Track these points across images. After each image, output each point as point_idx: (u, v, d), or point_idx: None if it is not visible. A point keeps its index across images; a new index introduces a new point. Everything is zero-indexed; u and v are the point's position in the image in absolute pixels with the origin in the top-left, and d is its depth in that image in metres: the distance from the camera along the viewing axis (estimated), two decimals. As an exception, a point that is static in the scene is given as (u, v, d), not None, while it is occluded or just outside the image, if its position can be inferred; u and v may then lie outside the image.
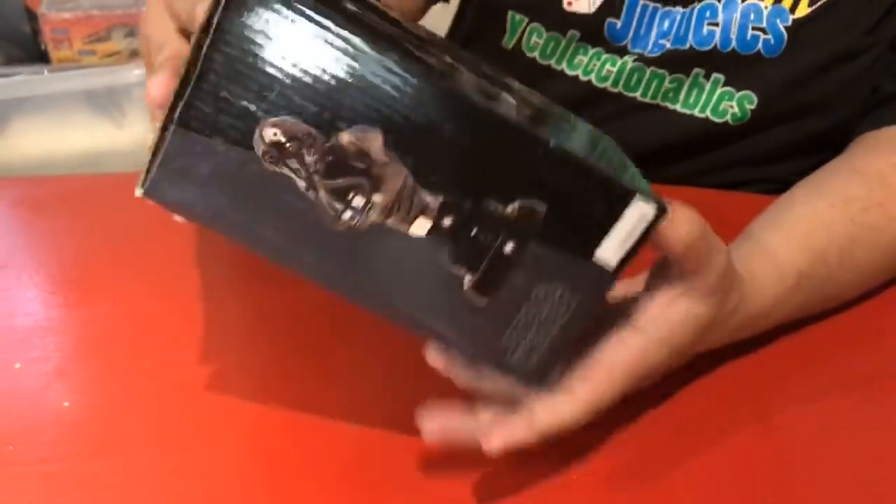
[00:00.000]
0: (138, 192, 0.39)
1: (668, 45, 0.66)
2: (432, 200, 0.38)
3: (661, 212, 0.39)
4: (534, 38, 0.70)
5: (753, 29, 0.64)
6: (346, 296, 0.41)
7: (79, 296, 0.63)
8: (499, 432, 0.41)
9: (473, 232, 0.39)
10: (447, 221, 0.38)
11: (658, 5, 0.66)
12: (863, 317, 0.58)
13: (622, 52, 0.68)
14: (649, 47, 0.67)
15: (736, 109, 0.66)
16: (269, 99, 0.36)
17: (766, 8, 0.64)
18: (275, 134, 0.36)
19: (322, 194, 0.37)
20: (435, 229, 0.38)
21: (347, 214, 0.38)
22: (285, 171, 0.37)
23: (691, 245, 0.40)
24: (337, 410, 0.50)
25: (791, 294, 0.51)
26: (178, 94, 0.37)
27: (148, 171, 0.38)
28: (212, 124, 0.37)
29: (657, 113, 0.69)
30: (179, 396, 0.52)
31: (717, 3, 0.65)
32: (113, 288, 0.63)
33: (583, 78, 0.70)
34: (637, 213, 0.39)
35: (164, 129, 0.37)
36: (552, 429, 0.42)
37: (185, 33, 0.45)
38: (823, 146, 0.66)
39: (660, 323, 0.43)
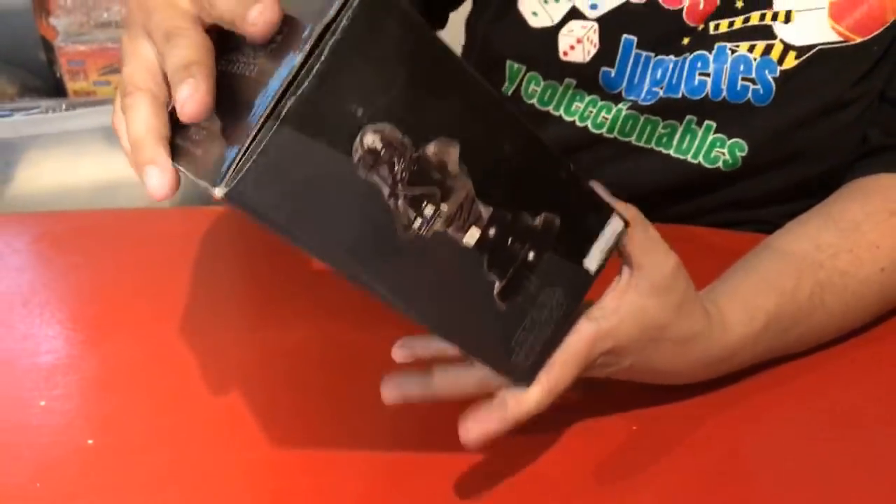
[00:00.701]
0: (218, 193, 0.35)
1: (661, 94, 0.69)
2: (484, 211, 0.41)
3: (626, 225, 0.46)
4: (532, 86, 0.73)
5: (743, 79, 0.66)
6: (387, 298, 0.41)
7: (98, 333, 0.66)
8: (474, 426, 0.46)
9: (509, 241, 0.43)
10: (492, 231, 0.42)
11: (651, 54, 0.69)
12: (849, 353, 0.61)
13: (617, 99, 0.71)
14: (643, 95, 0.70)
15: (727, 156, 0.69)
16: (377, 104, 0.36)
17: (754, 60, 0.66)
18: (374, 141, 0.37)
19: (401, 202, 0.38)
20: (482, 239, 0.42)
21: (418, 222, 0.39)
22: (375, 178, 0.37)
23: (633, 237, 0.46)
24: (346, 445, 0.53)
25: (760, 333, 0.54)
26: (282, 90, 0.35)
27: (227, 169, 0.35)
28: (317, 124, 0.35)
29: (651, 157, 0.71)
30: (197, 432, 0.55)
31: (707, 54, 0.67)
32: (130, 325, 0.66)
33: (579, 124, 0.72)
34: (613, 227, 0.46)
35: (255, 125, 0.35)
36: (522, 416, 0.46)
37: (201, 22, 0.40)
38: (814, 192, 0.68)
39: (608, 313, 0.47)
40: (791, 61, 0.65)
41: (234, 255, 0.82)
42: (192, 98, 0.36)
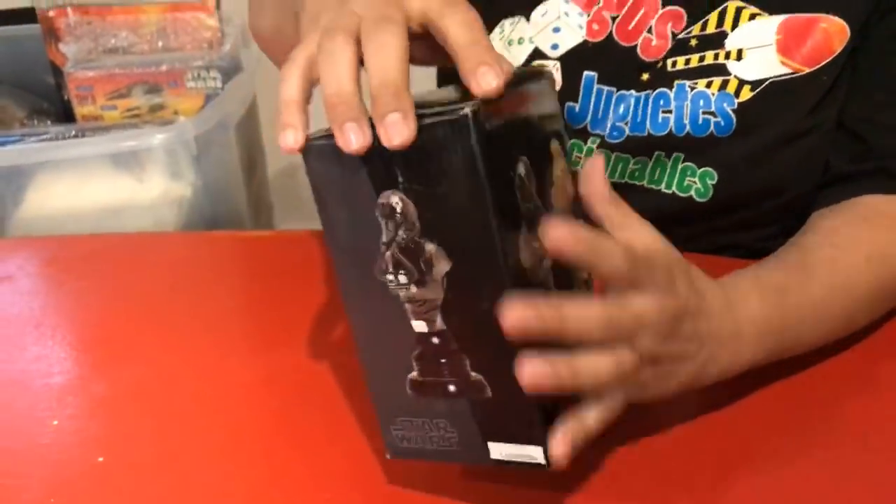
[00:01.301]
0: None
1: (627, 131, 0.72)
2: (439, 323, 0.46)
3: (546, 465, 0.47)
4: None
5: (704, 113, 0.70)
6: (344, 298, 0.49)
7: (107, 355, 0.69)
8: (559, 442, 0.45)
9: (441, 361, 0.47)
10: (435, 340, 0.47)
11: (612, 89, 0.72)
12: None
13: (583, 134, 0.74)
14: (608, 130, 0.73)
15: (699, 185, 0.72)
16: (415, 188, 0.43)
17: (713, 95, 0.70)
18: (396, 203, 0.44)
19: (388, 254, 0.45)
20: (423, 338, 0.47)
21: (390, 277, 0.46)
22: (382, 222, 0.45)
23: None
24: (347, 462, 0.56)
25: (772, 304, 0.56)
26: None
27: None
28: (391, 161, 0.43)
29: (625, 190, 0.74)
30: (202, 450, 0.58)
31: (668, 91, 0.71)
32: (138, 347, 0.69)
33: None
34: (531, 453, 0.47)
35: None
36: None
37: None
38: (787, 216, 0.72)
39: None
40: (747, 93, 0.69)
41: (235, 278, 0.85)
42: (399, 134, 0.41)
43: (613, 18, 0.73)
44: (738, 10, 0.70)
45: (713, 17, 0.70)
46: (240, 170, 1.25)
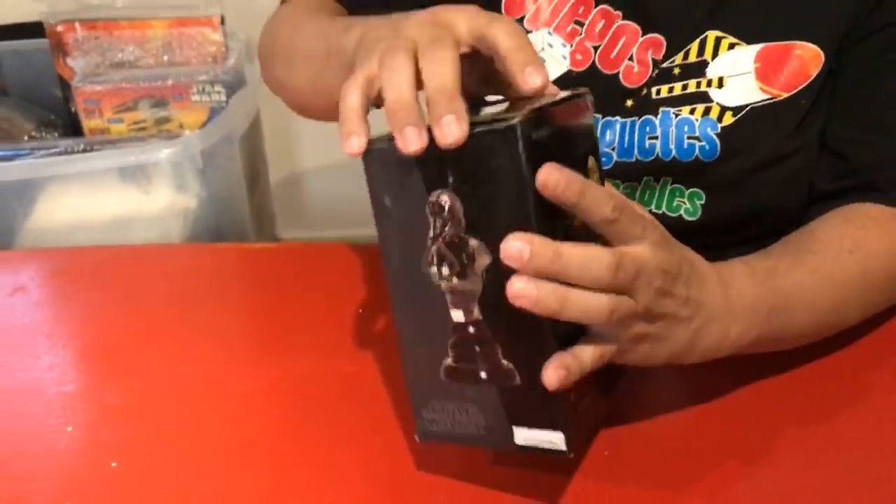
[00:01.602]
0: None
1: (616, 157, 0.75)
2: (475, 313, 0.50)
3: (568, 452, 0.51)
4: None
5: (689, 138, 0.73)
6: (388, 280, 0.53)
7: (117, 364, 0.72)
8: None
9: (476, 349, 0.51)
10: (471, 330, 0.51)
11: (598, 116, 0.75)
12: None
13: None
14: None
15: (688, 204, 0.75)
16: (463, 189, 0.48)
17: (696, 120, 0.72)
18: (445, 202, 0.49)
19: (434, 248, 0.50)
20: (460, 327, 0.51)
21: (433, 270, 0.50)
22: (430, 217, 0.49)
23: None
24: (349, 468, 0.58)
25: (762, 285, 0.60)
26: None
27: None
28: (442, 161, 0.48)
29: None
30: (210, 455, 0.61)
31: (654, 118, 0.74)
32: (145, 356, 0.72)
33: None
34: (551, 438, 0.51)
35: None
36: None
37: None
38: (775, 234, 0.74)
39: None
40: (729, 119, 0.72)
41: (239, 288, 0.87)
42: (452, 134, 0.46)
43: (595, 48, 0.75)
44: (718, 40, 0.72)
45: (694, 47, 0.73)
46: (243, 182, 1.28)
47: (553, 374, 0.47)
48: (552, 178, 0.46)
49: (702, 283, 0.55)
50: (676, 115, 0.73)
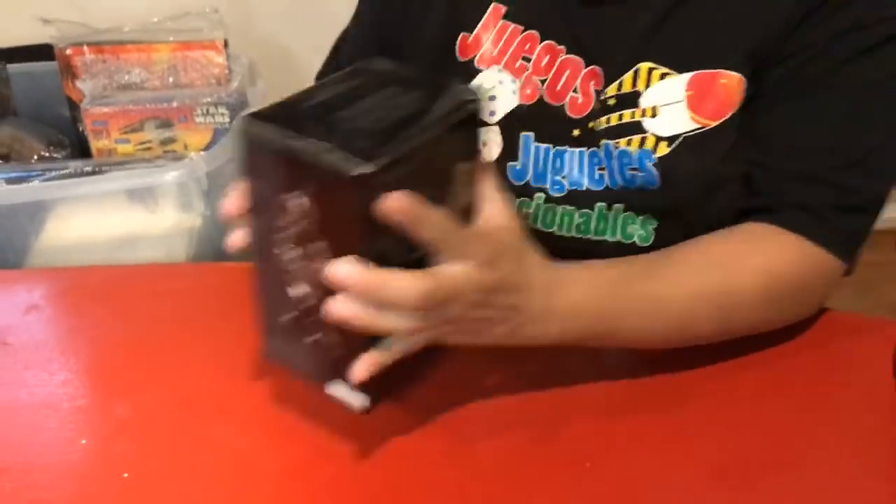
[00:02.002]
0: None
1: (567, 185, 0.78)
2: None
3: (369, 407, 0.60)
4: None
5: (630, 170, 0.75)
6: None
7: (127, 379, 0.75)
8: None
9: (319, 313, 0.58)
10: (313, 300, 0.58)
11: (549, 146, 0.78)
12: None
13: (529, 190, 0.79)
14: (549, 184, 0.79)
15: (641, 231, 0.77)
16: (317, 195, 0.54)
17: (633, 152, 0.74)
18: (296, 205, 0.55)
19: (282, 234, 0.57)
20: (306, 295, 0.59)
21: (279, 250, 0.58)
22: (284, 207, 0.56)
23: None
24: (354, 480, 0.62)
25: (596, 292, 0.65)
26: None
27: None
28: None
29: (574, 243, 0.80)
30: (217, 466, 0.64)
31: (599, 151, 0.76)
32: (154, 372, 0.75)
33: None
34: (358, 400, 0.60)
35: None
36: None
37: None
38: None
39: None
40: (664, 149, 0.74)
41: (243, 306, 0.90)
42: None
43: (543, 81, 0.78)
44: (650, 71, 0.74)
45: (628, 77, 0.75)
46: (246, 201, 1.31)
47: (364, 369, 0.56)
48: (391, 208, 0.52)
49: (525, 292, 0.61)
50: (616, 147, 0.75)
